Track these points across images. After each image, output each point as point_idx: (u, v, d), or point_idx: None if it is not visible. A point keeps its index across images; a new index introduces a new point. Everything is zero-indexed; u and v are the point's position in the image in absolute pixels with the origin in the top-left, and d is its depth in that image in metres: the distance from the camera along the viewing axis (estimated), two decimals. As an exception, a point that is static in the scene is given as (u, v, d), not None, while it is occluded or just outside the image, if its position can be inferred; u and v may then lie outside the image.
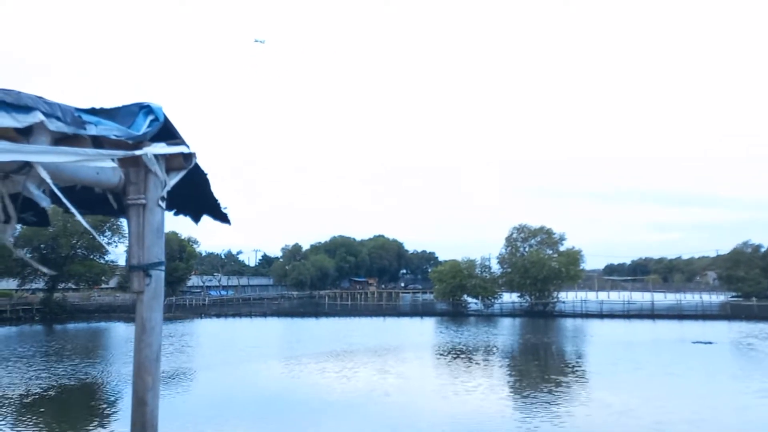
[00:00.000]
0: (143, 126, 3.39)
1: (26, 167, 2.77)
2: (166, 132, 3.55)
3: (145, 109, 3.45)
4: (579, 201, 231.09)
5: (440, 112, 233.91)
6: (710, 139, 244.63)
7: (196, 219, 4.18)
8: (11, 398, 23.65)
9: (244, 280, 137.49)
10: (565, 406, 21.86)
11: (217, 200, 4.00)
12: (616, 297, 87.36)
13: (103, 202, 3.63)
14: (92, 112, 3.21)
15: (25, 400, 23.37)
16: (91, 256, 71.92)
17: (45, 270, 5.62)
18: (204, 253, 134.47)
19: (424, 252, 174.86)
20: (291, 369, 31.12)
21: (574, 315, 68.77)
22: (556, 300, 73.18)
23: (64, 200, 2.89)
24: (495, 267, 76.51)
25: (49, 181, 2.80)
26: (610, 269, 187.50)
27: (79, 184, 3.12)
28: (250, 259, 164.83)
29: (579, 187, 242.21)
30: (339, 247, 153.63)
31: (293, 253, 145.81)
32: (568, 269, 70.23)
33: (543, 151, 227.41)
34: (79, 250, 69.69)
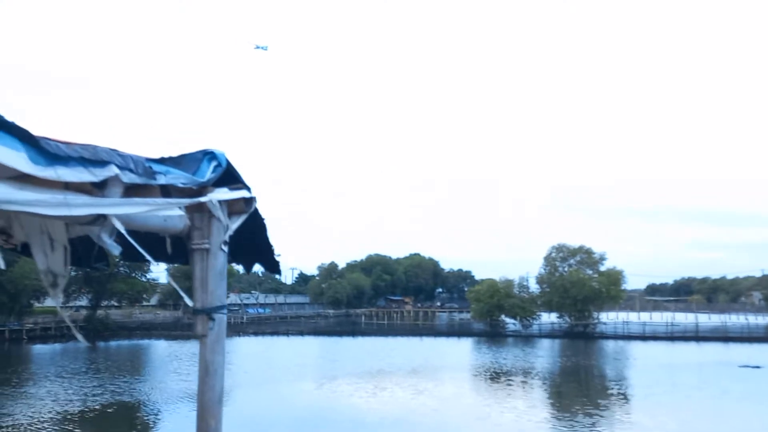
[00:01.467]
0: (207, 172, 3.48)
1: (101, 218, 2.86)
2: (229, 176, 3.64)
3: (209, 155, 3.55)
4: (620, 220, 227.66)
5: (476, 130, 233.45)
6: (755, 157, 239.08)
7: (248, 267, 4.26)
8: (72, 414, 24.15)
9: (281, 298, 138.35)
10: (605, 429, 21.41)
11: (271, 246, 4.07)
12: (658, 318, 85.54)
13: (164, 247, 3.72)
14: (161, 161, 3.31)
15: (87, 416, 23.84)
16: (133, 274, 73.29)
17: (81, 339, 5.72)
18: (242, 271, 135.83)
19: (460, 271, 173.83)
20: (328, 389, 31.15)
21: (616, 336, 67.49)
22: (596, 321, 71.97)
23: (139, 249, 2.99)
24: (533, 287, 75.71)
25: (123, 231, 2.89)
26: (652, 289, 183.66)
27: (148, 231, 3.21)
28: (287, 278, 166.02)
29: (620, 206, 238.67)
30: (375, 265, 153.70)
31: (329, 271, 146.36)
32: (608, 289, 69.08)
33: (582, 170, 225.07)
34: (121, 268, 71.07)
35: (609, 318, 75.95)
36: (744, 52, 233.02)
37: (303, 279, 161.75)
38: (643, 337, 66.43)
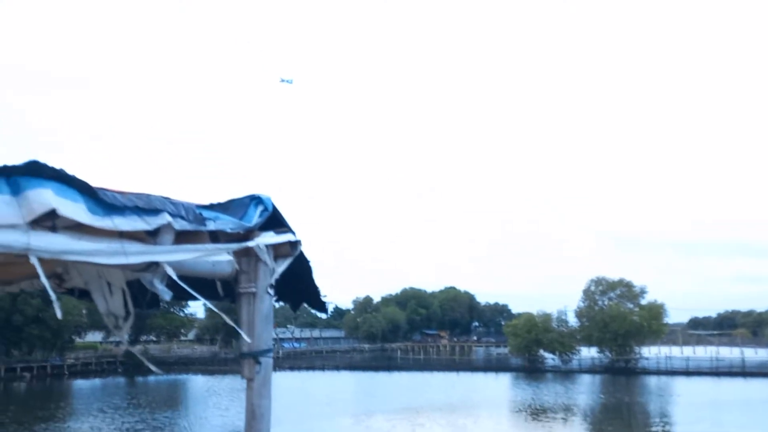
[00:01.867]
0: (254, 217, 3.54)
1: (153, 265, 2.93)
2: (274, 220, 3.70)
3: (256, 200, 3.61)
4: (659, 252, 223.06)
5: (510, 164, 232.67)
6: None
7: (295, 306, 4.30)
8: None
9: (316, 333, 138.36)
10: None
11: (317, 288, 4.11)
12: (702, 353, 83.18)
13: (212, 288, 3.78)
14: (210, 207, 3.39)
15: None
16: (171, 309, 74.18)
17: (154, 368, 5.76)
18: (278, 305, 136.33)
19: (496, 304, 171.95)
20: (365, 425, 30.85)
21: (659, 372, 65.68)
22: (638, 356, 70.21)
23: (193, 293, 3.06)
24: (572, 321, 74.37)
25: (175, 277, 2.95)
26: (695, 323, 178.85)
27: (198, 276, 3.27)
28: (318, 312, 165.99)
29: (659, 238, 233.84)
30: (410, 299, 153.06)
31: (364, 305, 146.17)
32: (650, 323, 67.50)
33: (619, 199, 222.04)
34: (160, 303, 71.90)
35: (651, 353, 74.02)
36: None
37: (338, 313, 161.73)
38: (687, 373, 64.50)
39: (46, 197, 2.28)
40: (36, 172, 2.30)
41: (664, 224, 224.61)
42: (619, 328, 66.79)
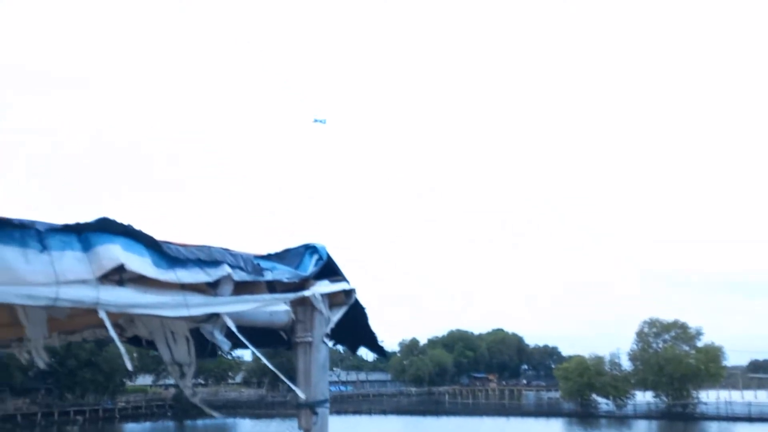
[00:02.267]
0: (309, 266, 3.58)
1: (214, 316, 2.98)
2: (329, 269, 3.73)
3: (311, 249, 3.66)
4: (714, 292, 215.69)
5: (553, 201, 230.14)
6: None
7: (354, 350, 4.30)
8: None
9: (362, 376, 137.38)
10: None
11: (374, 334, 4.11)
12: (764, 397, 79.44)
13: (268, 337, 3.81)
14: (267, 257, 3.44)
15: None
16: (219, 352, 74.62)
17: (215, 414, 5.92)
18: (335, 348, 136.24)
19: (546, 347, 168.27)
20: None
21: (719, 417, 62.93)
22: (696, 400, 67.51)
23: (249, 345, 3.09)
24: (625, 364, 72.13)
25: (234, 329, 3.00)
26: (755, 366, 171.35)
27: (255, 326, 3.31)
28: (368, 354, 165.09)
29: (713, 277, 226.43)
30: (457, 341, 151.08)
31: (411, 347, 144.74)
32: (707, 367, 65.01)
33: (670, 238, 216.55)
34: (218, 352, 72.49)
35: (709, 397, 71.08)
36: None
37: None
38: (750, 419, 61.62)
39: (115, 252, 2.36)
40: (106, 228, 2.39)
41: (718, 263, 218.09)
42: (674, 371, 64.50)
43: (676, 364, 64.72)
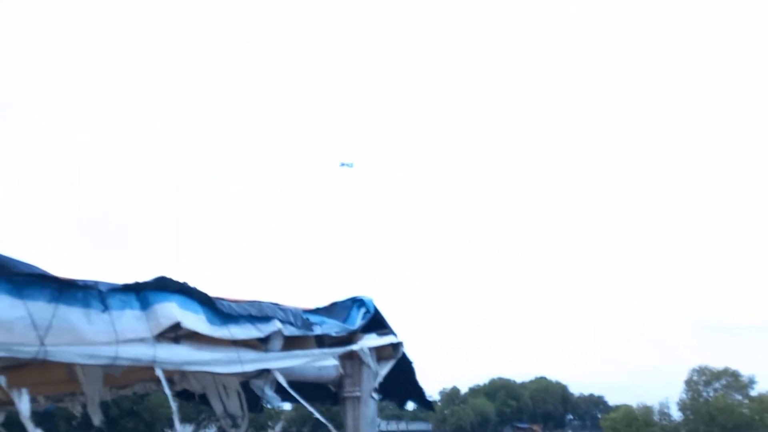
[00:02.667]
0: (357, 319, 3.60)
1: (265, 372, 3.00)
2: (376, 321, 3.73)
3: (358, 302, 3.68)
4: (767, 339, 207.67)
5: (599, 245, 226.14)
6: None
7: (401, 404, 4.27)
8: None
9: (402, 425, 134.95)
10: None
11: (421, 388, 4.08)
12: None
13: (316, 391, 3.81)
14: (315, 311, 3.47)
15: None
16: (265, 405, 74.38)
17: None
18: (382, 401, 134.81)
19: (591, 395, 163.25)
20: None
21: (778, 471, 59.93)
22: (750, 453, 64.56)
23: (302, 401, 3.10)
24: (675, 414, 69.54)
25: (285, 384, 3.01)
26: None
27: (304, 381, 3.32)
28: (409, 403, 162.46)
29: (766, 324, 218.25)
30: (499, 389, 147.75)
31: (452, 396, 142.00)
32: (762, 417, 62.24)
33: (719, 285, 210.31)
34: (264, 405, 72.37)
35: (765, 449, 67.94)
36: None
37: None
38: (810, 473, 58.53)
39: (171, 311, 2.41)
40: (163, 286, 2.45)
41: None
42: (727, 421, 61.95)
43: (728, 414, 62.20)
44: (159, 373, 2.40)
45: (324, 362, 3.31)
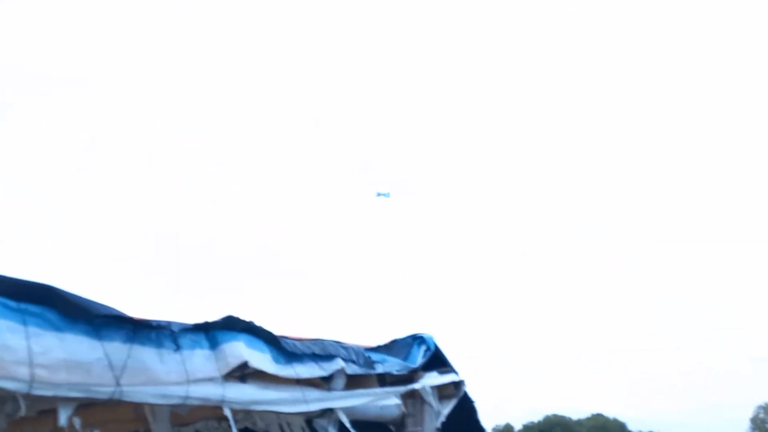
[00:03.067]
0: (418, 357, 3.56)
1: (328, 411, 2.99)
2: (437, 359, 3.69)
3: (419, 340, 3.65)
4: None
5: (648, 275, 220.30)
6: None
7: None
8: None
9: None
10: None
11: (483, 429, 4.00)
12: None
13: (377, 430, 3.76)
14: (376, 349, 3.45)
15: None
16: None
17: None
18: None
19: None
20: None
21: None
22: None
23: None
24: (742, 453, 66.40)
25: (348, 424, 2.99)
26: None
27: (366, 420, 3.29)
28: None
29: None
30: (554, 427, 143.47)
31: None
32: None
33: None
34: None
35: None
36: None
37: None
38: None
39: (239, 350, 2.43)
40: (230, 326, 2.48)
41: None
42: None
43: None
44: (227, 413, 2.42)
45: (386, 401, 3.28)
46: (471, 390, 3.83)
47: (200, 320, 2.42)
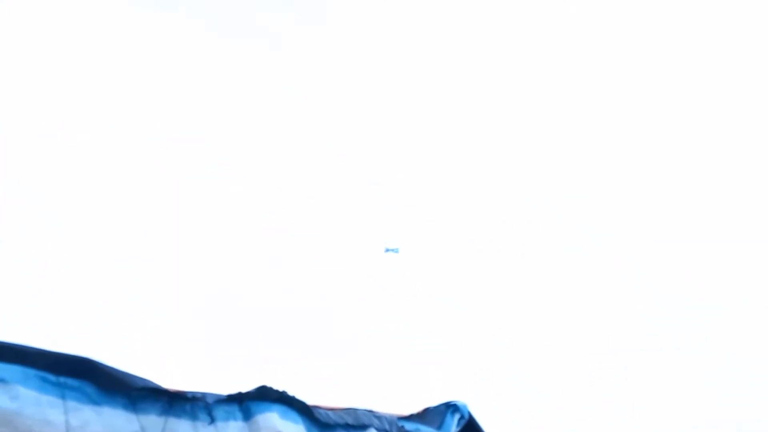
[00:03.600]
0: (452, 426, 3.50)
1: (363, 486, 2.93)
2: (471, 428, 3.62)
3: (452, 408, 3.59)
4: None
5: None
6: None
7: None
8: None
9: None
10: None
11: None
12: None
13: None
14: (409, 418, 3.40)
15: None
16: None
17: None
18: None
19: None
20: None
21: None
22: None
23: None
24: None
25: (384, 499, 2.93)
26: None
27: (403, 494, 3.22)
28: None
29: None
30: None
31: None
32: None
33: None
34: None
35: None
36: None
37: None
38: None
39: (273, 421, 2.42)
40: (264, 396, 2.47)
41: None
42: None
43: None
44: (260, 487, 2.39)
45: (424, 474, 3.21)
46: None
47: (233, 391, 2.42)
